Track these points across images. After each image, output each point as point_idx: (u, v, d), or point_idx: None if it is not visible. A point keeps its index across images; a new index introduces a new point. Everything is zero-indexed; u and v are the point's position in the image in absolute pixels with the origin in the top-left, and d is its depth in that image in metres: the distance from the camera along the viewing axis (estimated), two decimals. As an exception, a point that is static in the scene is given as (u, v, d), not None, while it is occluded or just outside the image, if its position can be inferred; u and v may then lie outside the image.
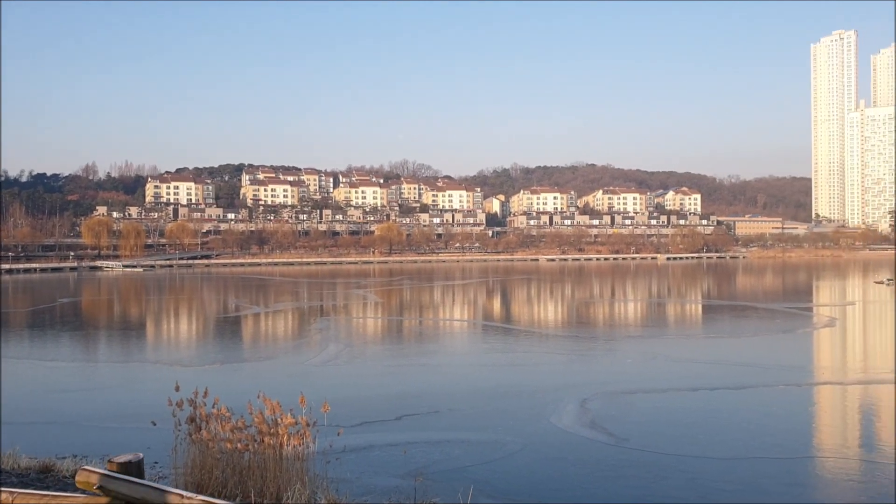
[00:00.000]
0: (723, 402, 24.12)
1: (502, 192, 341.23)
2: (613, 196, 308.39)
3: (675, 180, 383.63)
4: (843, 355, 36.12)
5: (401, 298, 77.39)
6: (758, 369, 29.87)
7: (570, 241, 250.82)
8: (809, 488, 15.73)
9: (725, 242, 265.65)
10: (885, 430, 20.41)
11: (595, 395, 24.44)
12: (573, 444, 18.95)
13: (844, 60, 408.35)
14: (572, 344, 39.90)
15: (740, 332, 44.08)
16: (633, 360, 33.36)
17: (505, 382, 27.66)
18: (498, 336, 44.46)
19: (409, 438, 19.22)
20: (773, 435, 19.60)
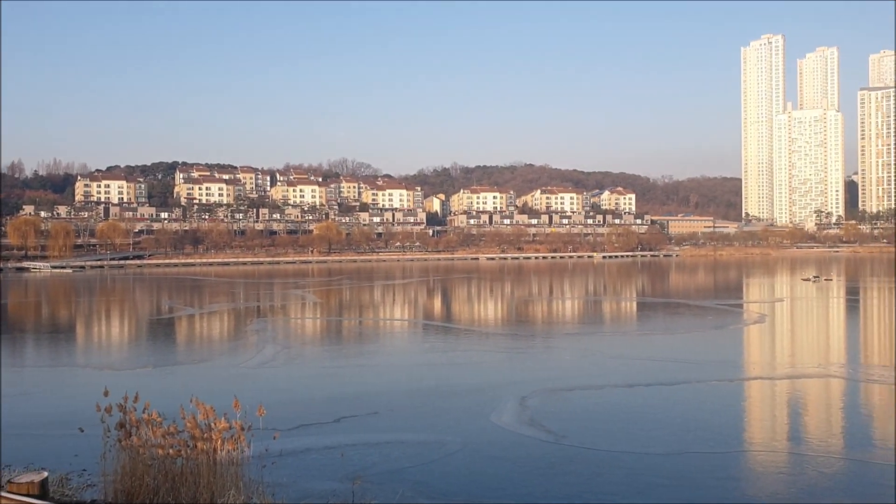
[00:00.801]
0: (658, 397, 24.57)
1: (442, 192, 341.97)
2: (551, 196, 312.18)
3: (611, 180, 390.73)
4: (772, 351, 37.24)
5: (340, 298, 76.77)
6: (691, 365, 30.56)
7: (510, 240, 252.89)
8: (741, 482, 16.12)
9: (659, 241, 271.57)
10: (812, 424, 21.09)
11: (534, 393, 24.62)
12: (512, 442, 19.03)
13: (773, 64, 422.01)
14: (511, 342, 40.16)
15: (674, 329, 45.05)
16: (570, 357, 33.76)
17: (445, 382, 27.64)
18: (438, 335, 44.47)
19: (348, 441, 19.01)
20: (707, 430, 20.05)
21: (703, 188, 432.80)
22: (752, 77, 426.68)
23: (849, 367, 30.05)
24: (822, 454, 17.58)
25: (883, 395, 24.83)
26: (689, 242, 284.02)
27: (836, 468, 16.63)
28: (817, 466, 16.70)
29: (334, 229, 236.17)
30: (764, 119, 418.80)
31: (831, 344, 39.42)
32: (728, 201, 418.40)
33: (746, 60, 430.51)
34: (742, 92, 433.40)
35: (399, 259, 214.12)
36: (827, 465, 16.82)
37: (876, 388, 25.73)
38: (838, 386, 26.38)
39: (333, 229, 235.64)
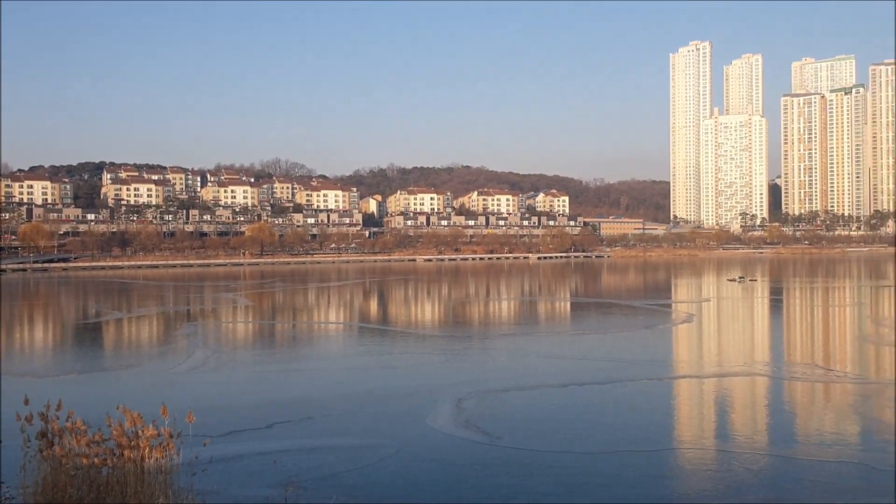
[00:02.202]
0: (591, 397, 24.97)
1: (379, 193, 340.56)
2: (488, 197, 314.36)
3: (546, 183, 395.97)
4: (699, 350, 38.27)
5: (273, 301, 75.68)
6: (623, 364, 31.15)
7: (447, 241, 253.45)
8: (671, 479, 16.49)
9: (591, 242, 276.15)
10: (738, 421, 21.73)
11: (470, 395, 24.71)
12: (448, 444, 19.05)
13: (700, 70, 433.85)
14: (448, 344, 40.25)
15: (606, 329, 45.86)
16: (506, 358, 34.02)
17: (381, 385, 27.51)
18: (374, 338, 44.27)
19: (281, 446, 18.73)
20: (638, 428, 20.47)
21: (634, 191, 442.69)
22: (681, 83, 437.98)
23: (773, 365, 31.09)
24: (747, 451, 18.13)
25: (805, 392, 25.78)
26: (620, 244, 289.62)
27: (761, 464, 17.17)
28: (743, 463, 17.21)
29: (267, 231, 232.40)
30: (692, 124, 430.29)
31: (756, 343, 40.74)
32: (657, 204, 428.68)
33: (675, 66, 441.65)
34: (671, 97, 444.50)
35: (334, 261, 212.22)
36: (752, 461, 17.35)
37: (798, 385, 26.68)
38: (763, 384, 27.26)
39: (266, 231, 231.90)
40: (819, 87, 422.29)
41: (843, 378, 27.62)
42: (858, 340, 39.77)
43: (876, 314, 53.09)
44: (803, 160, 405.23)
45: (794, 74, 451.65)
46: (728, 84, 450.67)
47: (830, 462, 17.03)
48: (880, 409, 22.66)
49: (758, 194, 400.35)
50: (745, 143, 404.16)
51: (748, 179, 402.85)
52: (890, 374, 28.89)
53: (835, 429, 20.22)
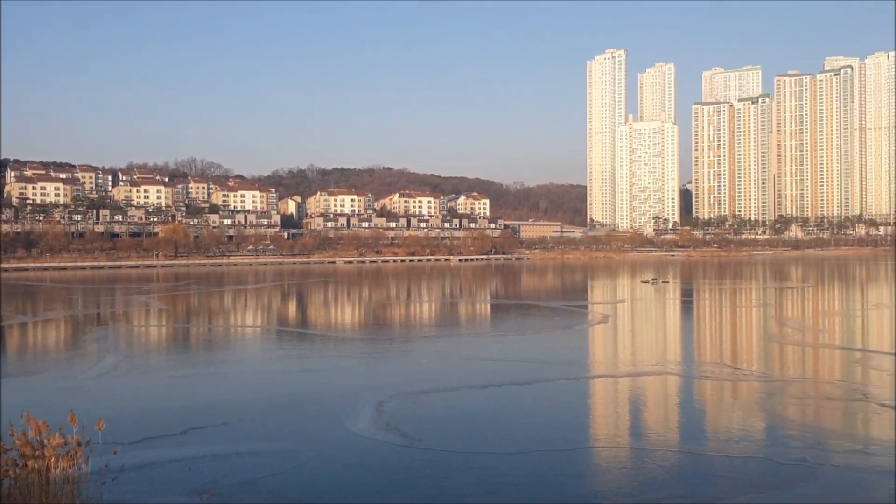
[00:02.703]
0: (511, 397, 25.26)
1: (298, 194, 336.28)
2: (409, 199, 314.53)
3: (467, 185, 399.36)
4: (615, 350, 39.22)
5: (188, 304, 73.73)
6: (541, 365, 31.65)
7: (368, 243, 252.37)
8: (587, 478, 16.86)
9: (511, 245, 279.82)
10: (651, 420, 22.38)
11: (390, 398, 24.63)
12: (368, 448, 18.95)
13: (615, 78, 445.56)
14: (369, 346, 40.04)
15: (525, 330, 46.50)
16: (427, 360, 34.07)
17: (299, 389, 27.14)
18: (293, 341, 43.64)
19: (196, 453, 18.23)
20: (556, 428, 20.83)
21: (553, 194, 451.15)
22: (597, 89, 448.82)
23: (684, 364, 32.14)
24: (660, 448, 18.68)
25: (714, 390, 26.74)
26: (539, 246, 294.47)
27: (672, 461, 17.71)
28: (656, 460, 17.72)
29: (181, 232, 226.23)
30: (607, 130, 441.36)
31: (668, 343, 42.05)
32: (575, 207, 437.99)
33: (592, 73, 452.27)
34: (588, 103, 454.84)
35: (252, 263, 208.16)
36: (665, 458, 17.88)
37: (708, 383, 27.66)
38: (674, 383, 28.15)
39: (180, 232, 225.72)
40: (728, 97, 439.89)
41: (749, 376, 28.78)
42: (764, 340, 41.52)
43: (780, 315, 55.56)
44: (713, 166, 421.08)
45: (704, 83, 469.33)
46: (642, 92, 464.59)
47: (738, 458, 17.71)
48: (784, 405, 23.71)
49: (670, 199, 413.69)
50: (658, 150, 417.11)
51: (661, 184, 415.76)
52: (793, 372, 30.30)
53: (742, 425, 21.05)
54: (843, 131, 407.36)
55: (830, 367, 31.76)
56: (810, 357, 34.56)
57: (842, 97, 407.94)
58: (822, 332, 44.77)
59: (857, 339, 41.96)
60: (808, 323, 49.94)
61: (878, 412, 22.50)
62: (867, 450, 18.36)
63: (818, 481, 15.85)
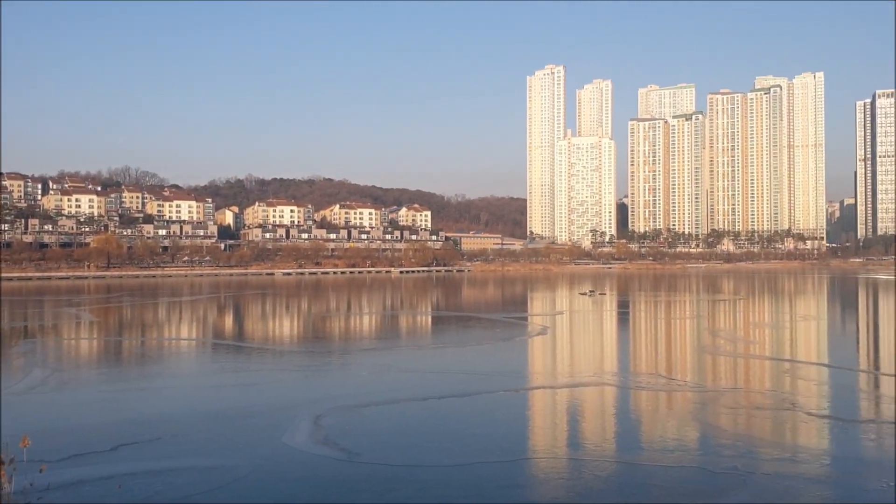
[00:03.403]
0: (450, 410, 25.24)
1: (236, 204, 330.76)
2: (350, 211, 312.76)
3: (408, 197, 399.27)
4: (553, 361, 39.61)
5: (120, 317, 71.66)
6: (481, 376, 31.73)
7: (308, 254, 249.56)
8: (525, 489, 16.93)
9: (452, 257, 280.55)
10: (588, 430, 22.64)
11: (329, 411, 24.36)
12: (306, 462, 18.68)
13: (555, 93, 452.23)
14: (307, 359, 39.54)
15: (466, 342, 46.61)
16: (367, 373, 33.81)
17: (235, 403, 26.61)
18: (229, 355, 42.79)
19: (127, 470, 17.69)
20: (496, 439, 20.89)
21: (493, 207, 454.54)
22: (537, 104, 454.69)
23: (620, 375, 32.66)
24: (597, 458, 18.92)
25: (649, 400, 27.22)
26: (480, 258, 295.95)
27: (609, 471, 17.95)
28: (593, 470, 17.93)
29: (114, 242, 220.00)
30: (547, 144, 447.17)
31: (605, 354, 42.68)
32: (515, 220, 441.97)
33: (532, 88, 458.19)
34: (528, 118, 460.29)
35: (187, 274, 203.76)
36: (602, 468, 18.11)
37: (643, 394, 28.15)
38: (611, 393, 28.56)
39: (113, 242, 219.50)
40: (663, 113, 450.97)
41: (683, 387, 29.41)
42: (697, 351, 42.51)
43: (713, 326, 56.97)
44: (648, 181, 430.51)
45: (640, 100, 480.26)
46: (580, 107, 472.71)
47: (673, 467, 18.04)
48: (716, 415, 24.28)
49: (607, 212, 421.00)
50: (596, 164, 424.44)
51: (598, 198, 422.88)
52: (725, 382, 31.07)
53: (676, 435, 21.47)
54: (773, 148, 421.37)
55: (761, 378, 32.68)
56: (742, 368, 35.51)
57: (771, 115, 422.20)
58: (752, 343, 46.07)
59: (786, 350, 43.32)
60: (739, 334, 51.33)
61: (805, 421, 23.23)
62: (795, 458, 18.93)
63: (748, 489, 16.27)
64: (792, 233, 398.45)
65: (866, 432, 21.72)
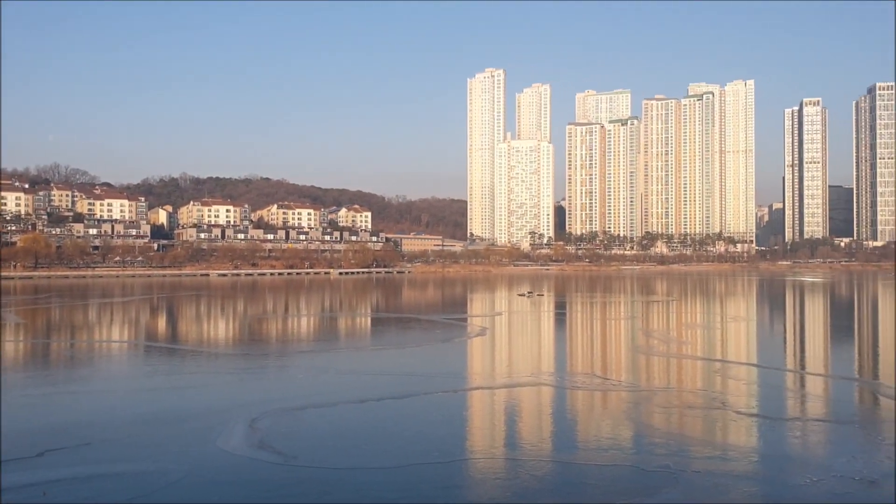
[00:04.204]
0: (389, 411, 25.17)
1: (170, 203, 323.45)
2: (288, 211, 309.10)
3: (348, 198, 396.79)
4: (492, 362, 39.88)
5: (48, 318, 69.30)
6: (420, 378, 31.74)
7: (244, 255, 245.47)
8: (462, 489, 17.01)
9: (393, 258, 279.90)
10: (525, 430, 22.86)
11: (265, 414, 24.02)
12: (240, 466, 18.38)
13: (495, 96, 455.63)
14: (243, 362, 38.89)
15: (405, 343, 46.56)
16: (304, 375, 33.48)
17: (169, 407, 26.01)
18: (162, 357, 41.80)
19: (52, 476, 17.12)
20: (433, 441, 20.92)
21: (434, 208, 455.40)
22: (478, 107, 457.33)
23: (557, 375, 33.08)
24: (533, 458, 19.13)
25: (585, 400, 27.65)
26: (421, 260, 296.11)
27: (545, 470, 18.17)
28: (529, 470, 18.12)
29: (42, 241, 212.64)
30: (487, 146, 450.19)
31: (543, 354, 43.15)
32: (456, 221, 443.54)
33: (472, 91, 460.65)
34: (468, 120, 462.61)
35: (119, 275, 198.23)
36: (538, 467, 18.32)
37: (580, 394, 28.58)
38: (548, 393, 28.91)
39: (41, 241, 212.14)
40: (599, 118, 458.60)
41: (618, 386, 29.95)
42: (632, 351, 43.34)
43: (646, 327, 58.19)
44: (585, 184, 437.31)
45: (578, 105, 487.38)
46: (520, 110, 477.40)
47: (607, 466, 18.37)
48: (650, 414, 24.81)
49: (545, 215, 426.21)
50: (535, 167, 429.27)
51: (537, 201, 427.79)
52: (658, 381, 31.76)
53: (611, 434, 21.86)
54: (705, 153, 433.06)
55: (692, 377, 33.53)
56: (674, 367, 36.37)
57: (704, 121, 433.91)
58: (685, 343, 47.22)
59: (717, 350, 44.55)
60: (672, 335, 52.56)
61: (735, 420, 23.92)
62: (725, 455, 19.48)
63: (680, 487, 16.68)
64: (723, 236, 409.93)
65: (793, 430, 22.50)
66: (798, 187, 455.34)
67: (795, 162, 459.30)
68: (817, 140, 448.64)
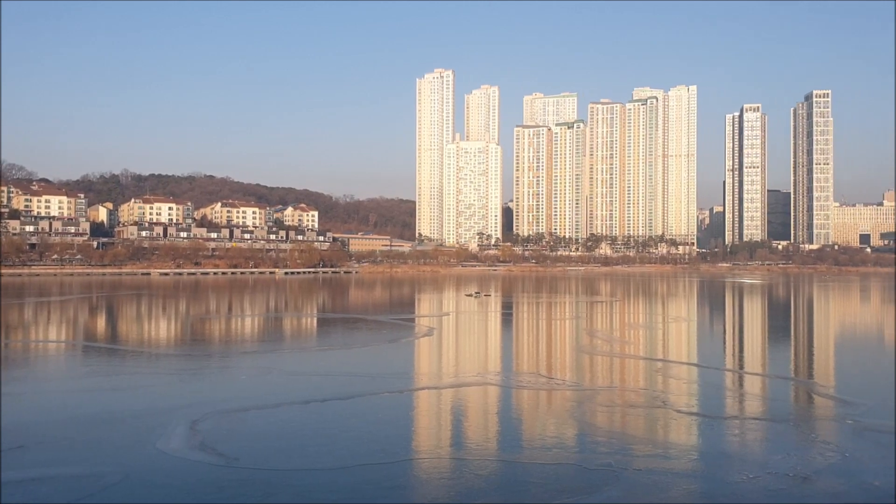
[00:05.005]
0: (333, 412, 24.99)
1: (111, 200, 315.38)
2: (233, 209, 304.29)
3: (295, 197, 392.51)
4: (439, 362, 39.94)
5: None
6: (366, 379, 31.59)
7: (187, 254, 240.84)
8: (406, 490, 16.99)
9: (340, 258, 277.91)
10: (471, 429, 22.95)
11: (206, 416, 23.61)
12: (181, 468, 18.04)
13: (444, 97, 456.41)
14: (185, 363, 38.16)
15: (351, 344, 46.30)
16: (247, 376, 33.02)
17: (107, 408, 25.36)
18: (101, 358, 40.73)
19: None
20: (378, 441, 20.84)
21: (382, 208, 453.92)
22: (426, 107, 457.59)
23: (503, 375, 33.30)
24: (478, 457, 19.21)
25: (530, 399, 27.89)
26: (369, 260, 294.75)
27: (490, 469, 18.27)
28: (474, 469, 18.19)
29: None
30: (436, 147, 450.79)
31: (489, 354, 43.40)
32: (404, 222, 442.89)
33: (421, 91, 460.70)
34: (417, 120, 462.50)
35: (56, 274, 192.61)
36: (483, 467, 18.41)
37: (525, 393, 28.82)
38: (494, 393, 29.08)
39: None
40: (547, 121, 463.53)
41: (562, 385, 30.30)
42: (576, 351, 43.89)
43: (591, 327, 58.98)
44: (532, 186, 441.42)
45: (525, 107, 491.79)
46: (469, 112, 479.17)
47: (550, 465, 18.55)
48: (593, 413, 25.15)
49: (493, 216, 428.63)
50: (483, 168, 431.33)
51: (485, 202, 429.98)
52: (602, 381, 32.21)
53: (555, 433, 22.09)
54: (649, 157, 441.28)
55: (635, 376, 34.10)
56: (617, 367, 36.94)
57: (648, 125, 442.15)
58: (627, 343, 48.01)
59: (659, 349, 45.41)
60: (615, 335, 53.37)
61: (675, 418, 24.42)
62: (666, 454, 19.87)
63: (621, 484, 16.95)
64: (665, 238, 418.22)
65: (731, 428, 23.06)
66: (738, 191, 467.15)
67: (736, 166, 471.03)
68: (757, 145, 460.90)
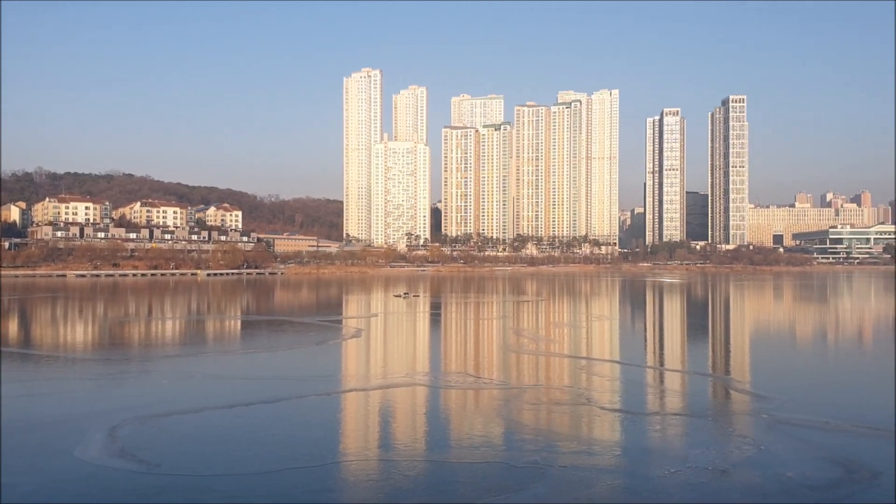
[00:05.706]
0: (258, 416, 24.57)
1: (23, 199, 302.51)
2: (153, 209, 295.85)
3: (217, 196, 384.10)
4: (367, 363, 39.76)
5: None
6: (293, 381, 31.19)
7: (104, 255, 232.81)
8: (334, 492, 16.86)
9: (265, 259, 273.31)
10: (399, 431, 22.92)
11: (126, 422, 22.89)
12: (99, 477, 17.45)
13: (371, 96, 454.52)
14: (103, 367, 36.89)
15: (277, 346, 45.63)
16: (168, 380, 32.16)
17: (20, 416, 24.29)
18: (14, 363, 38.98)
19: None
20: (305, 445, 20.60)
21: (309, 208, 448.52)
22: (354, 106, 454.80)
23: (431, 375, 33.37)
24: (406, 458, 19.21)
25: (458, 399, 28.03)
26: (295, 261, 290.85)
27: (418, 470, 18.29)
28: (402, 470, 18.18)
29: None
30: (364, 147, 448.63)
31: (417, 354, 43.44)
32: (331, 222, 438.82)
33: (348, 90, 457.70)
34: (344, 120, 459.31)
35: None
36: (411, 468, 18.41)
37: (453, 393, 28.96)
38: (422, 393, 29.13)
39: None
40: (474, 122, 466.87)
41: (489, 384, 30.57)
42: (503, 350, 44.36)
43: (517, 326, 59.69)
44: (460, 187, 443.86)
45: (453, 108, 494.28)
46: (397, 112, 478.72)
47: (478, 463, 18.69)
48: (519, 411, 25.46)
49: (422, 216, 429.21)
50: (412, 169, 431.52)
51: (414, 202, 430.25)
52: (528, 379, 32.63)
53: (482, 432, 22.27)
54: (573, 159, 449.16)
55: (560, 374, 34.66)
56: (543, 365, 37.51)
57: (572, 128, 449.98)
58: (553, 341, 48.77)
59: (583, 348, 46.27)
60: (541, 333, 54.17)
61: (599, 415, 24.93)
62: (590, 450, 20.27)
63: (547, 481, 17.21)
64: (588, 238, 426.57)
65: (652, 424, 23.69)
66: (658, 193, 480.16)
67: (656, 169, 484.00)
68: (676, 148, 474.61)
